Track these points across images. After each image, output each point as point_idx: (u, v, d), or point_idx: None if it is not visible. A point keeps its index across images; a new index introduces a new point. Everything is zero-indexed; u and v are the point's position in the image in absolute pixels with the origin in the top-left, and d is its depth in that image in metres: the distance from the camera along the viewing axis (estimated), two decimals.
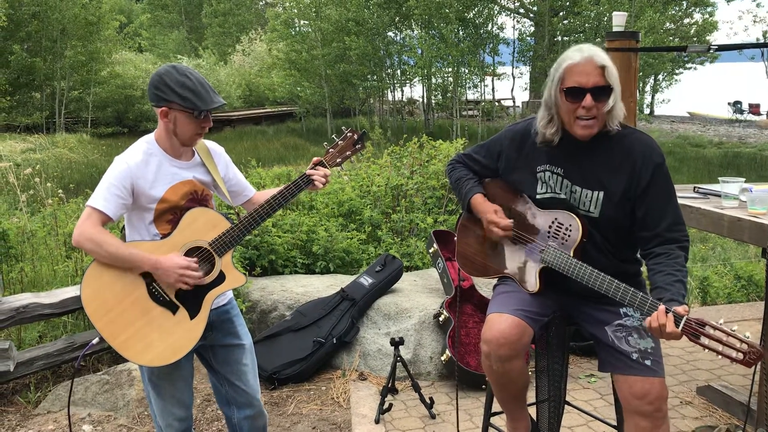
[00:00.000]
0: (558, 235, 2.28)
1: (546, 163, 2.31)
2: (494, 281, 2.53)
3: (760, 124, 28.84)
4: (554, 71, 2.19)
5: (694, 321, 1.94)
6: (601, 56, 2.13)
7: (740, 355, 1.88)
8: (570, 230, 2.25)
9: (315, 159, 2.46)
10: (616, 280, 2.11)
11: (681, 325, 1.94)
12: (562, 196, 2.29)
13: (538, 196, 2.34)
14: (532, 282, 2.32)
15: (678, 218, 2.20)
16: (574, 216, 2.25)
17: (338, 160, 2.46)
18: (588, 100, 2.11)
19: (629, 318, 2.25)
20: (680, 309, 1.97)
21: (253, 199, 2.55)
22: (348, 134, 2.47)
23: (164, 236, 2.26)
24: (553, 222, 2.30)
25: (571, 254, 2.23)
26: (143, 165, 2.23)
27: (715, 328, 1.92)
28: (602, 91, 2.12)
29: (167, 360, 2.23)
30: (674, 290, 2.04)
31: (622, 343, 2.22)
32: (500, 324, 2.23)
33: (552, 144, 2.27)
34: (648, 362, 2.18)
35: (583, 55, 2.13)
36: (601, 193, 2.22)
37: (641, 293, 2.05)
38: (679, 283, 2.06)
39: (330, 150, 2.46)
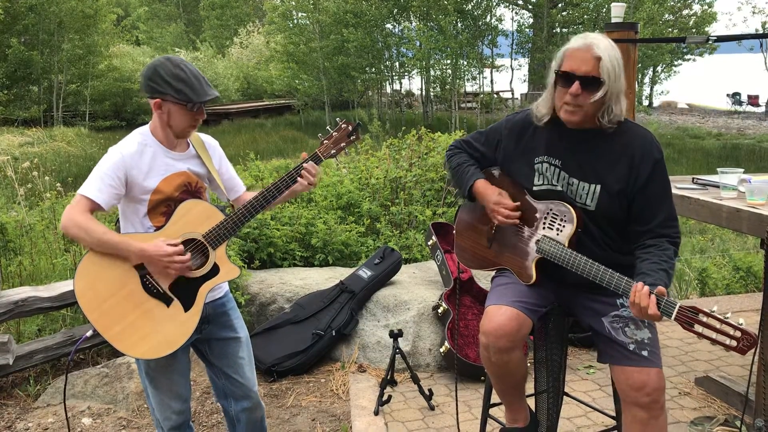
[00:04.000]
0: (553, 225, 2.28)
1: (544, 154, 2.30)
2: (493, 273, 2.53)
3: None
4: (557, 54, 2.19)
5: (687, 309, 1.94)
6: (602, 48, 2.09)
7: (734, 342, 1.88)
8: (565, 220, 2.25)
9: (303, 154, 2.43)
10: (610, 270, 2.11)
11: (674, 313, 1.94)
12: (559, 188, 2.28)
13: (534, 188, 2.33)
14: (529, 273, 2.32)
15: (671, 214, 2.19)
16: (569, 206, 2.25)
17: (332, 151, 2.42)
18: (575, 87, 2.09)
19: (626, 308, 2.25)
20: (660, 290, 1.97)
21: (243, 197, 2.53)
22: (342, 125, 2.43)
23: (158, 228, 2.26)
24: (548, 212, 2.30)
25: (566, 244, 2.23)
26: (137, 156, 2.22)
27: (708, 315, 1.92)
28: (591, 82, 2.09)
29: (161, 352, 2.22)
30: (657, 276, 2.03)
31: (619, 334, 2.22)
32: (498, 316, 2.23)
33: (539, 123, 2.27)
34: (645, 353, 2.18)
35: (584, 42, 2.11)
36: (598, 186, 2.22)
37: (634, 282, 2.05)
38: (664, 272, 2.06)
39: (324, 141, 2.43)
